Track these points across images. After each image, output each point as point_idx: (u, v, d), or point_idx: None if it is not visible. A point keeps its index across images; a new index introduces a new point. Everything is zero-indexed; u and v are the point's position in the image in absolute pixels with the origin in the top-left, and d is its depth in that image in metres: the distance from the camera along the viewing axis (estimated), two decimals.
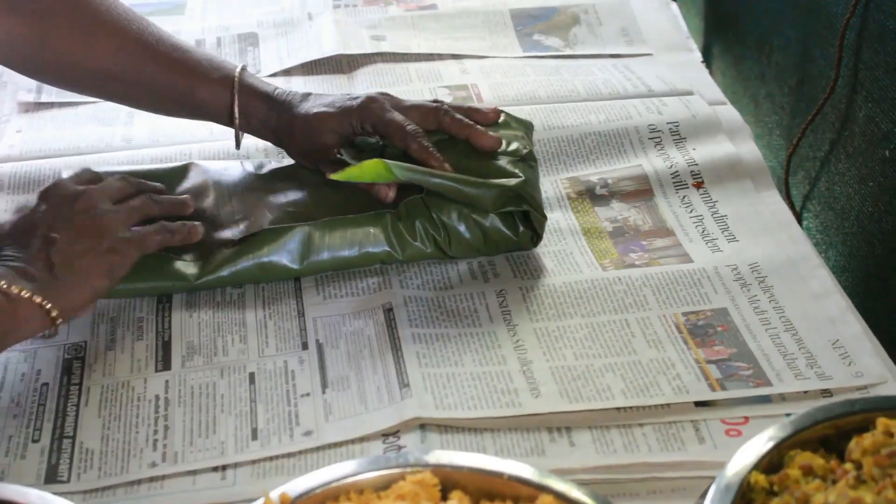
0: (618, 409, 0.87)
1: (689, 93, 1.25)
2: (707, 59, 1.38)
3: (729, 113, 1.22)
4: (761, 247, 1.03)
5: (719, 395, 0.88)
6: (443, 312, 0.97)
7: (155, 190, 1.02)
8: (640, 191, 1.11)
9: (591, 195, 1.11)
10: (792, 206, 1.11)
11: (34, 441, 0.87)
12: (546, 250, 1.04)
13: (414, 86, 1.28)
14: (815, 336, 0.93)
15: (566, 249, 1.04)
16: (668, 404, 0.87)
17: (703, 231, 1.06)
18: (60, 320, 0.88)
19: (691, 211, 1.08)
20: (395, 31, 1.39)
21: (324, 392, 0.90)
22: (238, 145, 1.09)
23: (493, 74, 1.31)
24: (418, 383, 0.89)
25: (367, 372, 0.91)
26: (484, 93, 1.26)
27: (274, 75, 1.32)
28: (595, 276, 1.00)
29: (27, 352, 0.94)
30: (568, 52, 1.36)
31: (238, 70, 1.06)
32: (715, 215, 1.08)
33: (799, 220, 1.10)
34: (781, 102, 1.24)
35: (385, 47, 1.35)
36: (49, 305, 0.87)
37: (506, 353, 0.92)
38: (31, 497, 0.73)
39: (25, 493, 0.74)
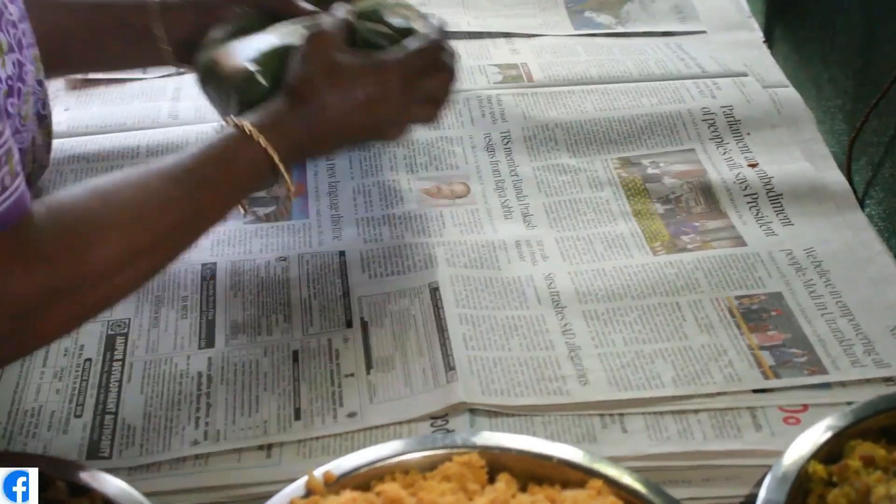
0: (672, 396, 0.85)
1: (744, 74, 1.22)
2: (768, 42, 1.35)
3: (790, 95, 1.19)
4: (817, 230, 1.00)
5: (772, 383, 0.85)
6: (490, 293, 0.95)
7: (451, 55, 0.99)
8: (694, 171, 1.09)
9: (642, 174, 1.09)
10: (854, 192, 1.08)
11: (76, 416, 0.86)
12: (596, 231, 1.02)
13: (462, 63, 1.25)
14: (873, 322, 0.90)
15: (616, 231, 1.02)
16: (727, 392, 0.85)
17: (757, 213, 1.03)
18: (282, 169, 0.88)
19: (745, 188, 1.06)
20: (444, 9, 1.37)
21: (368, 373, 0.88)
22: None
23: (543, 54, 1.29)
24: (465, 367, 0.87)
25: (413, 354, 0.90)
26: (534, 72, 1.24)
27: None
28: (646, 261, 0.98)
29: None
30: (620, 29, 1.34)
31: None
32: (770, 194, 1.05)
33: (861, 206, 1.07)
34: (845, 86, 1.20)
35: None
36: (274, 153, 0.87)
37: (554, 338, 0.90)
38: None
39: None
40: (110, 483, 0.73)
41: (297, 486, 0.72)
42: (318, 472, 0.72)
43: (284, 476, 0.79)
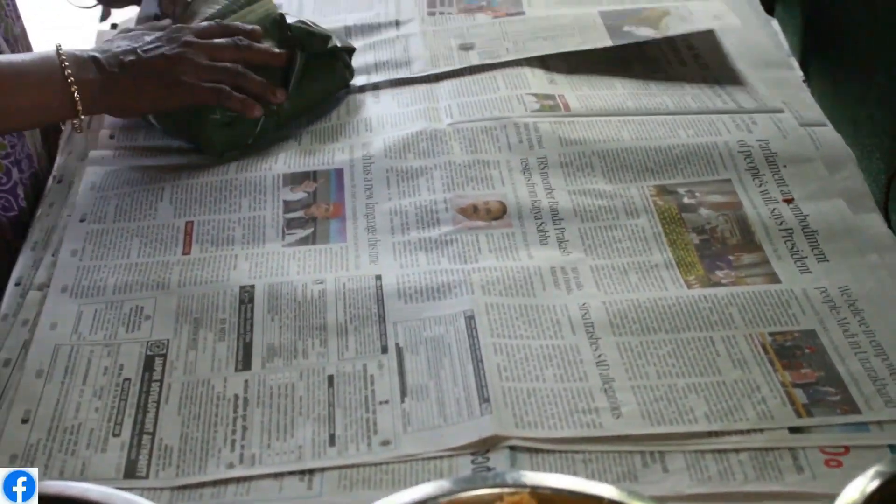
0: (709, 432, 0.85)
1: (780, 110, 1.22)
2: (804, 79, 1.34)
3: (828, 134, 1.18)
4: (852, 269, 1.00)
5: (805, 421, 0.85)
6: (525, 321, 0.96)
7: (246, 33, 1.18)
8: (730, 203, 1.09)
9: (678, 203, 1.10)
10: (893, 232, 1.08)
11: (115, 435, 0.88)
12: (631, 260, 1.03)
13: (501, 93, 1.26)
14: None
15: (651, 261, 1.02)
16: (762, 429, 0.85)
17: (791, 247, 1.03)
18: (81, 113, 1.07)
19: (781, 223, 1.06)
20: (484, 38, 1.37)
21: (402, 400, 0.89)
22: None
23: (580, 86, 1.28)
24: (499, 398, 0.88)
25: (448, 382, 0.90)
26: (571, 103, 1.24)
27: (363, 89, 1.31)
28: (680, 294, 0.98)
29: (111, 346, 0.95)
30: (660, 36, 1.32)
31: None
32: (805, 230, 1.05)
33: None
34: (883, 125, 1.20)
35: (473, 57, 1.33)
36: (77, 95, 1.06)
37: (588, 369, 0.91)
38: (116, 500, 0.74)
39: (111, 494, 0.74)
40: None
41: None
42: None
43: None
